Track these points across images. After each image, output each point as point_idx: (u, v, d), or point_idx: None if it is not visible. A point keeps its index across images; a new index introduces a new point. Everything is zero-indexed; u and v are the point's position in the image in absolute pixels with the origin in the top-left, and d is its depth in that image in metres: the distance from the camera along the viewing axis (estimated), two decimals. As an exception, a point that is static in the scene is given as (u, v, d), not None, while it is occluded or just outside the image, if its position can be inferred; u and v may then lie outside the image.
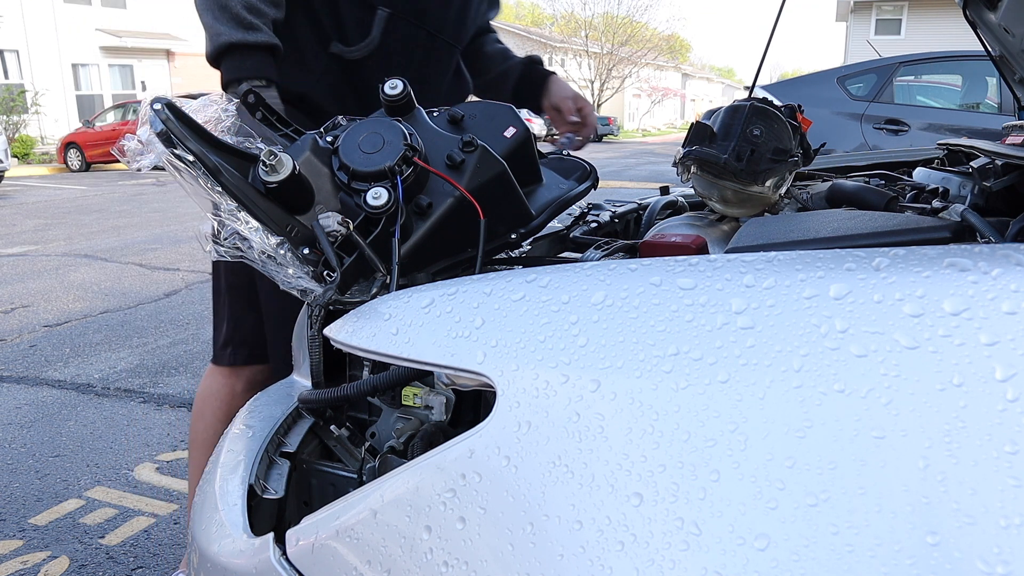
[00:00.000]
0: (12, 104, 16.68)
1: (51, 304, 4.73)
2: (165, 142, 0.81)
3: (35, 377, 3.45)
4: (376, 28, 1.38)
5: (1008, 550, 0.45)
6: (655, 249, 1.07)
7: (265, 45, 1.24)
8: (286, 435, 1.02)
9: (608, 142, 29.22)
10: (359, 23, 1.38)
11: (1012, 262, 0.54)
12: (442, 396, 0.89)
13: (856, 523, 0.48)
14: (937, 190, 1.35)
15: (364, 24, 1.38)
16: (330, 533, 0.72)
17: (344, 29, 1.38)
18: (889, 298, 0.55)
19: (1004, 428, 0.47)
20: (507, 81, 1.68)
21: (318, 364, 0.99)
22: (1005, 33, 1.44)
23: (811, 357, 0.54)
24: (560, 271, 0.70)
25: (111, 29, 21.13)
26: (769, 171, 1.21)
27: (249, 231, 0.83)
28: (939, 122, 5.61)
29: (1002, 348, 0.50)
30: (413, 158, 0.89)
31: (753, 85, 1.67)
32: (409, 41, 1.42)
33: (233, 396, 1.51)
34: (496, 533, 0.59)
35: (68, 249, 6.62)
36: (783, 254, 0.64)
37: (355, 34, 1.38)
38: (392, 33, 1.40)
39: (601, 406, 0.58)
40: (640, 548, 0.52)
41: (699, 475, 0.53)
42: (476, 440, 0.63)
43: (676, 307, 0.61)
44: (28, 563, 1.99)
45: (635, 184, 11.58)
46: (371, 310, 0.79)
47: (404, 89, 0.98)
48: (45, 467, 2.56)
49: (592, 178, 1.21)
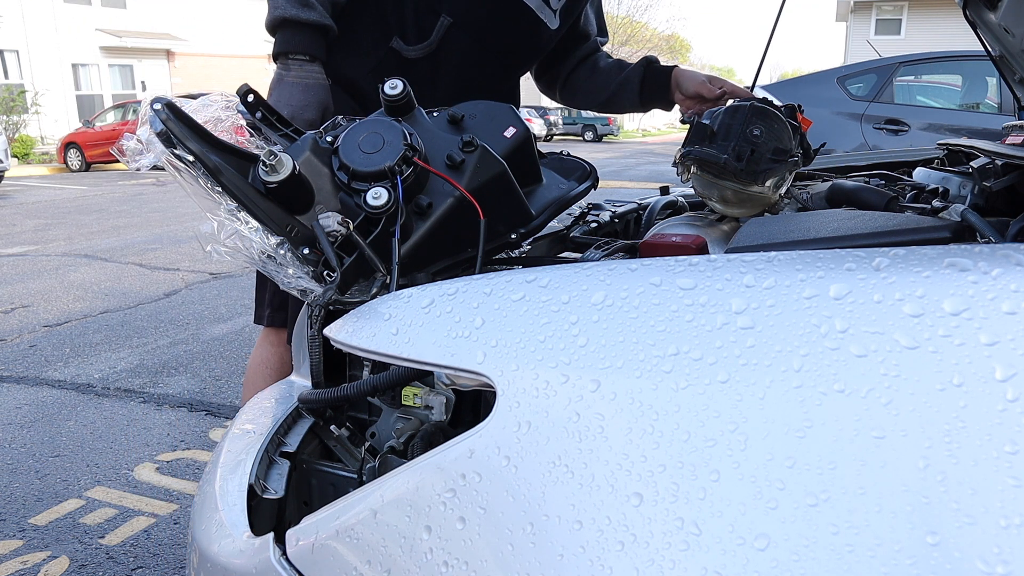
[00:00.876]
0: (12, 104, 16.68)
1: (51, 304, 4.73)
2: (165, 142, 0.80)
3: (35, 377, 3.45)
4: (436, 34, 1.43)
5: (1008, 550, 0.45)
6: (655, 249, 1.07)
7: (316, 24, 1.31)
8: (286, 435, 1.02)
9: (608, 142, 29.23)
10: (421, 25, 1.43)
11: (1012, 262, 0.54)
12: (442, 396, 0.89)
13: (856, 523, 0.48)
14: (937, 190, 1.35)
15: (426, 27, 1.43)
16: (330, 533, 0.72)
17: (406, 28, 1.43)
18: (889, 298, 0.55)
19: (1004, 428, 0.47)
20: (629, 89, 1.70)
21: (318, 364, 0.99)
22: (1005, 33, 1.44)
23: (811, 357, 0.54)
24: (560, 271, 0.70)
25: (111, 29, 21.13)
26: (769, 171, 1.21)
27: (249, 231, 0.83)
28: (939, 122, 5.61)
29: (1002, 348, 0.50)
30: (413, 158, 0.89)
31: (753, 85, 1.66)
32: (465, 52, 1.47)
33: (283, 364, 1.55)
34: (496, 533, 0.59)
35: (68, 249, 6.62)
36: (783, 254, 0.64)
37: (415, 35, 1.44)
38: (450, 41, 1.44)
39: (601, 406, 0.58)
40: (640, 548, 0.52)
41: (699, 475, 0.53)
42: (476, 440, 0.63)
43: (676, 307, 0.61)
44: (28, 563, 1.99)
45: (635, 184, 11.58)
46: (371, 310, 0.79)
47: (404, 89, 0.98)
48: (45, 467, 2.56)
49: (592, 178, 1.21)
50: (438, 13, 1.43)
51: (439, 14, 1.43)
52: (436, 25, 1.43)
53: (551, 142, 26.52)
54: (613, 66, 1.75)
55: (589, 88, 1.75)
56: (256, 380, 1.57)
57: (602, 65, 1.75)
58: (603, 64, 1.75)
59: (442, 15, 1.43)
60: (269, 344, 1.59)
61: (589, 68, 1.74)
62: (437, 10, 1.43)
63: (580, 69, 1.75)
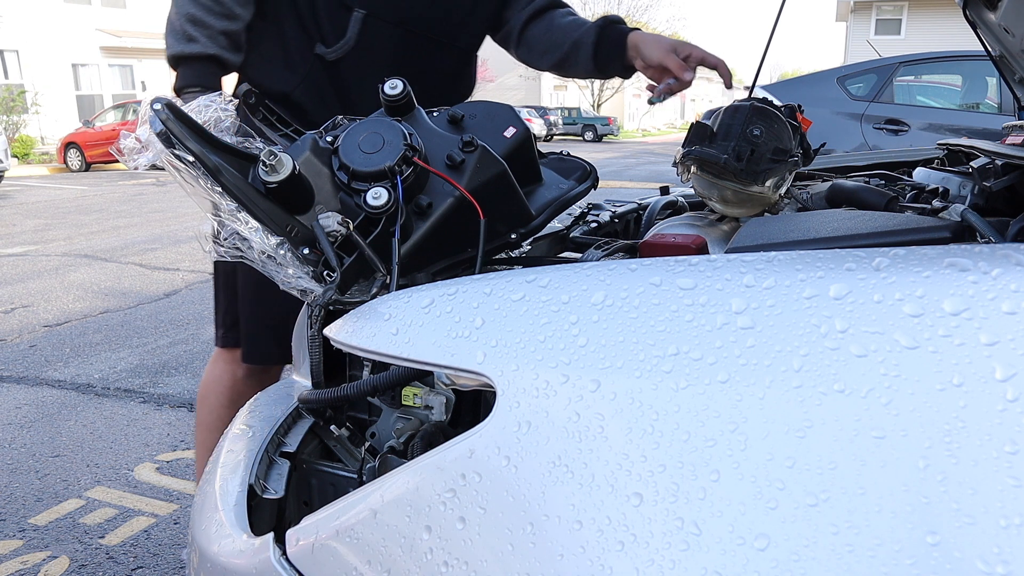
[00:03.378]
0: (12, 104, 16.68)
1: (51, 304, 4.73)
2: (165, 142, 0.80)
3: (35, 377, 3.45)
4: (351, 29, 1.38)
5: (1008, 550, 0.45)
6: (655, 249, 1.07)
7: (200, 55, 1.33)
8: (286, 435, 1.03)
9: (608, 142, 29.22)
10: (336, 24, 1.39)
11: (1012, 262, 0.54)
12: (442, 396, 0.89)
13: (856, 523, 0.48)
14: (937, 190, 1.35)
15: (340, 24, 1.39)
16: (330, 533, 0.72)
17: (323, 30, 1.39)
18: (889, 298, 0.55)
19: (1004, 428, 0.47)
20: (583, 51, 1.52)
21: (318, 364, 0.99)
22: (1005, 33, 1.44)
23: (811, 357, 0.54)
24: (560, 271, 0.70)
25: (111, 29, 21.11)
26: (769, 171, 1.21)
27: (249, 231, 0.83)
28: (939, 122, 5.61)
29: (1002, 348, 0.50)
30: (413, 158, 0.89)
31: (753, 85, 1.66)
32: (387, 41, 1.41)
33: (235, 381, 1.55)
34: (496, 533, 0.59)
35: (68, 249, 6.62)
36: (783, 254, 0.64)
37: (332, 35, 1.39)
38: (368, 34, 1.39)
39: (601, 406, 0.58)
40: (640, 548, 0.52)
41: (699, 475, 0.53)
42: (476, 440, 0.63)
43: (676, 307, 0.61)
44: (28, 563, 1.99)
45: (635, 184, 11.58)
46: (371, 310, 0.79)
47: (404, 89, 0.98)
48: (45, 467, 2.56)
49: (592, 178, 1.21)
50: (349, 8, 1.38)
51: (351, 8, 1.38)
52: (350, 19, 1.38)
53: (551, 142, 26.51)
54: (570, 24, 1.56)
55: (543, 47, 1.58)
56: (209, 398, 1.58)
57: (559, 22, 1.57)
58: (560, 21, 1.57)
59: (354, 9, 1.38)
60: (223, 362, 1.59)
61: (545, 25, 1.57)
62: (348, 4, 1.38)
63: (534, 26, 1.58)
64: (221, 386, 1.57)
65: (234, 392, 1.54)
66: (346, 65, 1.40)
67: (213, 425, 1.56)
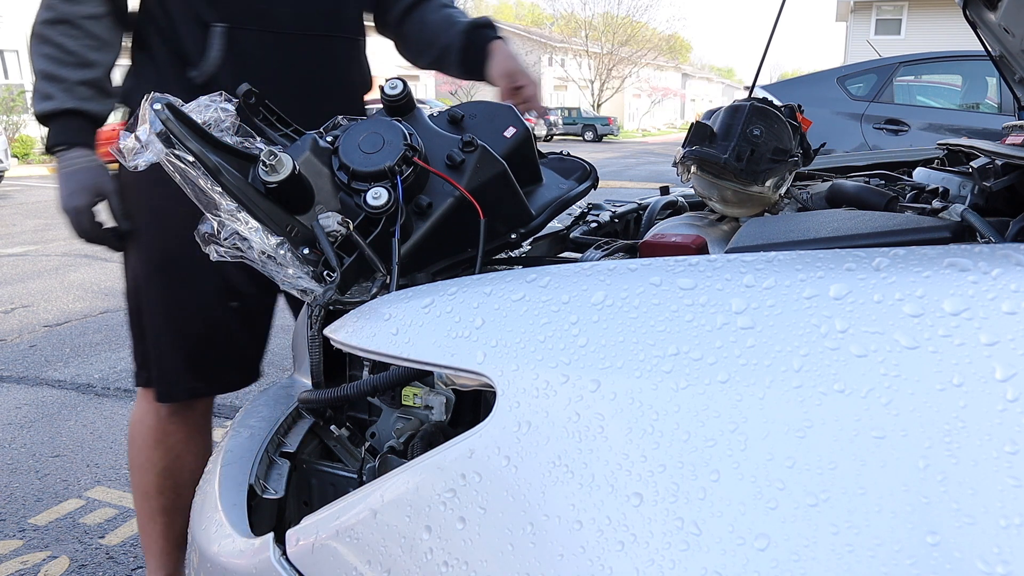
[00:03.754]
0: (12, 104, 16.67)
1: (51, 304, 4.73)
2: (165, 142, 0.80)
3: (35, 377, 3.45)
4: (215, 46, 1.28)
5: (1008, 550, 0.45)
6: (655, 249, 1.07)
7: (59, 111, 1.26)
8: (286, 435, 1.03)
9: (608, 142, 29.23)
10: (197, 43, 1.28)
11: (1012, 262, 0.54)
12: (442, 396, 0.89)
13: (856, 523, 0.48)
14: (937, 190, 1.35)
15: (202, 44, 1.28)
16: (330, 533, 0.72)
17: (186, 52, 1.30)
18: (889, 298, 0.55)
19: (1004, 428, 0.47)
20: (452, 56, 1.46)
21: (318, 364, 0.99)
22: (1005, 33, 1.44)
23: (811, 357, 0.54)
24: (560, 271, 0.70)
25: (111, 29, 21.11)
26: (769, 171, 1.21)
27: (249, 231, 0.83)
28: (939, 122, 5.61)
29: (1002, 348, 0.50)
30: (413, 158, 0.89)
31: (753, 85, 1.66)
32: (259, 51, 1.31)
33: (158, 420, 1.45)
34: (496, 533, 0.59)
35: (68, 249, 6.62)
36: (783, 254, 0.64)
37: (197, 55, 1.29)
38: (236, 48, 1.29)
39: (601, 406, 0.58)
40: (640, 548, 0.52)
41: (699, 475, 0.53)
42: (476, 440, 0.63)
43: (676, 307, 0.61)
44: (28, 563, 1.99)
45: (635, 184, 11.58)
46: (371, 310, 0.79)
47: (404, 89, 0.98)
48: (45, 467, 2.56)
49: (592, 178, 1.21)
50: (207, 24, 1.27)
51: (207, 24, 1.27)
52: (211, 36, 1.27)
53: (551, 142, 26.52)
54: (442, 22, 1.48)
55: (417, 46, 1.51)
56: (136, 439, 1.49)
57: (430, 18, 1.49)
58: (431, 17, 1.49)
59: (211, 24, 1.27)
60: (145, 402, 1.48)
61: (418, 20, 1.49)
62: (205, 20, 1.27)
63: (409, 20, 1.50)
64: (144, 426, 1.47)
65: (158, 431, 1.45)
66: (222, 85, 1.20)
67: (143, 466, 1.47)
